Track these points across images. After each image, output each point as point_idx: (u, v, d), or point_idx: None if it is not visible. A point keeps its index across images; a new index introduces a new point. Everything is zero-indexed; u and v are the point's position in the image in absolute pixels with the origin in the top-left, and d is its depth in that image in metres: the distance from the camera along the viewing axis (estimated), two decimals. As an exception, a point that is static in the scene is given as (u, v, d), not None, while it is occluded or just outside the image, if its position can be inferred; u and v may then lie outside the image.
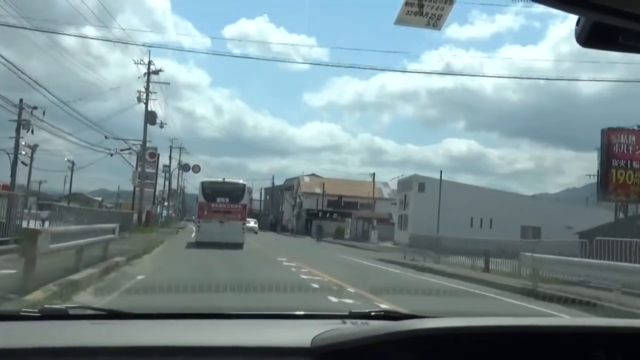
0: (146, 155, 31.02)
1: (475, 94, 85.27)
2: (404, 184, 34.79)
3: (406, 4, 1.99)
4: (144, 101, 26.35)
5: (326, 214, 43.22)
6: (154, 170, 33.03)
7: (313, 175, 52.48)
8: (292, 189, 57.81)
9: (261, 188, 74.94)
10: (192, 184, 50.31)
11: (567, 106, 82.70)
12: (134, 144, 27.23)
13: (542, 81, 79.72)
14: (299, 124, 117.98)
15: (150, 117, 27.23)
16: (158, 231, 22.01)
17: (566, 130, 70.30)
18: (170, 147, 40.90)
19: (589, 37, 0.69)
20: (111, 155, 26.50)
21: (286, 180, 64.54)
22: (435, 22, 2.02)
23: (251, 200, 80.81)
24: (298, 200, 49.31)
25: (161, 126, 30.48)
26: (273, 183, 66.63)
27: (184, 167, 43.05)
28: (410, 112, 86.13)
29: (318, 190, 46.60)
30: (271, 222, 63.39)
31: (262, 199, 74.85)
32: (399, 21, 2.04)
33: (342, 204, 45.98)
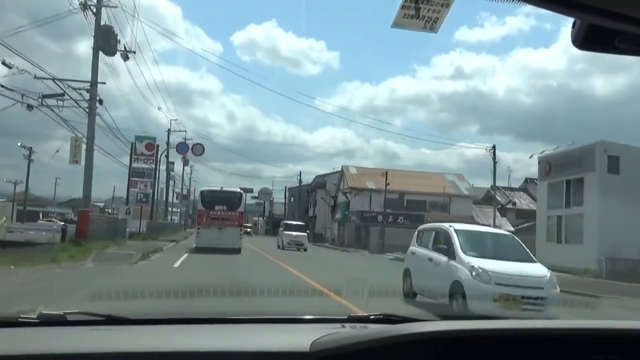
0: (143, 147, 31.06)
1: (488, 97, 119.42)
2: (568, 160, 25.16)
3: (402, 7, 2.47)
4: (93, 9, 19.59)
5: (388, 217, 41.28)
6: (152, 166, 33.86)
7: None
8: (324, 187, 58.78)
9: (285, 187, 77.83)
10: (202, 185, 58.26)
11: (580, 108, 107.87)
12: (78, 89, 20.07)
13: (554, 83, 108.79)
14: (311, 130, 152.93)
15: (105, 38, 19.79)
16: (103, 253, 16.07)
17: (580, 133, 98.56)
18: (169, 131, 42.13)
19: (585, 39, 0.94)
20: (30, 108, 19.11)
21: (317, 177, 66.23)
22: (432, 25, 2.51)
23: (272, 203, 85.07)
24: (345, 199, 47.90)
25: (126, 57, 22.78)
26: (300, 181, 67.90)
27: (180, 147, 40.80)
28: (422, 117, 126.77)
29: (371, 184, 45.17)
30: None
31: (287, 201, 77.18)
32: (396, 24, 2.54)
33: (405, 204, 44.61)
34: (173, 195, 58.31)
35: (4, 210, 45.44)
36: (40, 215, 51.01)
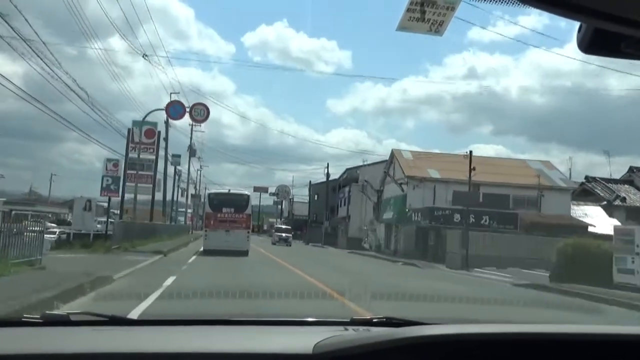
0: (142, 135, 31.45)
1: (501, 97, 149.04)
2: None
3: (408, 10, 3.04)
4: None
5: (467, 216, 35.94)
6: (152, 156, 35.16)
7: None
8: (357, 181, 60.09)
9: (309, 182, 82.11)
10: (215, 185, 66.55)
11: (596, 108, 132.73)
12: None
13: (569, 83, 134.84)
14: (323, 131, 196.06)
15: None
16: None
17: (596, 134, 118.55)
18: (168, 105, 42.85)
19: (591, 44, 1.21)
20: None
21: (347, 169, 68.91)
22: (437, 28, 3.10)
23: (292, 201, 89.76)
24: (401, 191, 46.19)
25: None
26: (327, 174, 69.53)
27: (173, 110, 34.96)
28: (435, 118, 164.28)
29: (435, 172, 44.43)
30: (326, 233, 67.21)
31: (311, 199, 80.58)
32: (401, 27, 3.14)
33: (481, 199, 39.83)
34: (178, 191, 61.16)
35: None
36: (29, 217, 55.95)
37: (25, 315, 2.49)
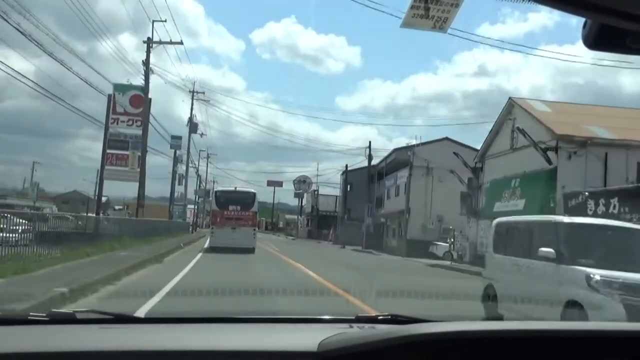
0: (126, 102, 34.17)
1: (512, 95, 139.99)
2: None
3: (412, 7, 4.25)
4: None
5: None
6: (139, 131, 35.39)
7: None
8: (409, 162, 60.44)
9: (346, 166, 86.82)
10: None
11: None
12: None
13: (581, 80, 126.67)
14: (334, 128, 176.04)
15: None
16: None
17: None
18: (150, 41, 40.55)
19: (596, 39, 1.56)
20: None
21: (394, 150, 71.01)
22: (442, 24, 4.27)
23: (315, 193, 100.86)
24: (547, 165, 34.57)
25: None
26: (370, 156, 73.68)
27: None
28: (445, 115, 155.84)
29: (603, 131, 35.25)
30: (367, 233, 66.88)
31: (346, 189, 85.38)
32: (405, 24, 4.32)
33: None
34: (174, 177, 66.26)
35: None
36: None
37: (31, 314, 3.22)
